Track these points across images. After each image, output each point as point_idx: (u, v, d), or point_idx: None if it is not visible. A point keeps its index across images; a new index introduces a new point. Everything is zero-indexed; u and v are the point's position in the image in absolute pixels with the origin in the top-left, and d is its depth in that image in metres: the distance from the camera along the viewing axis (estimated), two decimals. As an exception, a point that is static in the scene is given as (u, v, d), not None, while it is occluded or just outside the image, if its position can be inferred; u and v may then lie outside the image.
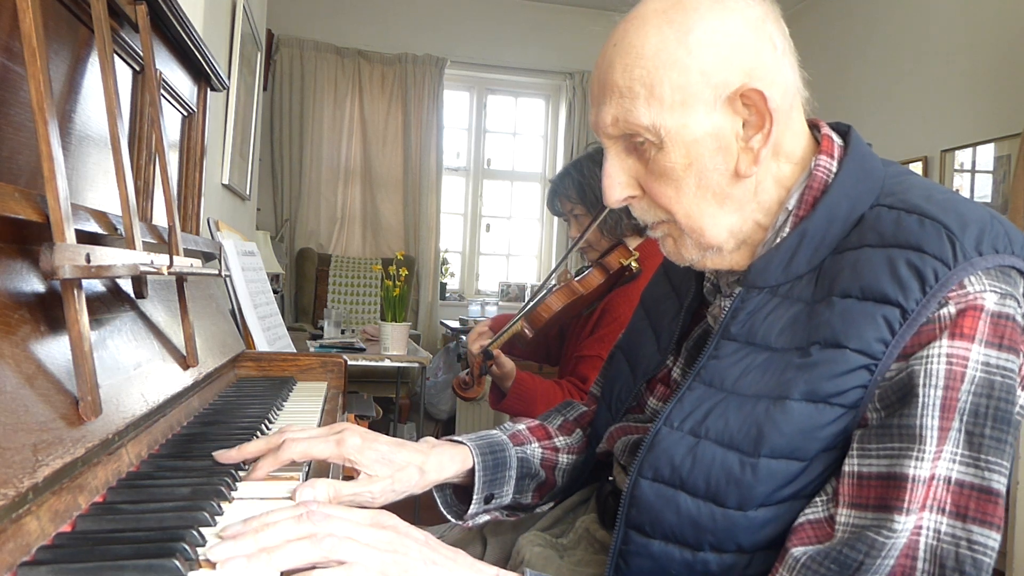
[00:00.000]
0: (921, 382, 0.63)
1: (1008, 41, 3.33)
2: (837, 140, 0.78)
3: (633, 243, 1.83)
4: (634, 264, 1.82)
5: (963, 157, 3.62)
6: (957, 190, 3.69)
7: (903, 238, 0.68)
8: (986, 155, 3.48)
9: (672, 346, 0.89)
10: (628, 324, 1.01)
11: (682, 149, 0.72)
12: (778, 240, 0.75)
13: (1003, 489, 0.63)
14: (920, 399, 0.62)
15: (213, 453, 0.75)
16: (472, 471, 0.89)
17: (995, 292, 0.64)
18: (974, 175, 3.59)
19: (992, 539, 0.62)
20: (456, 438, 0.91)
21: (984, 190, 3.51)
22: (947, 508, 0.62)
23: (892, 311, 0.65)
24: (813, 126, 0.81)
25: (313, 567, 0.54)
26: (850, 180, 0.74)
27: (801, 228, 0.73)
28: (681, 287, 0.91)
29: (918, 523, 0.62)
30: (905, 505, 0.62)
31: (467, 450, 0.89)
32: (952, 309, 0.63)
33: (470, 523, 0.91)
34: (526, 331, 1.86)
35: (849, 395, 0.66)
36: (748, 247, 0.78)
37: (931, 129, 3.78)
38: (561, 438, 1.01)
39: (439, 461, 0.86)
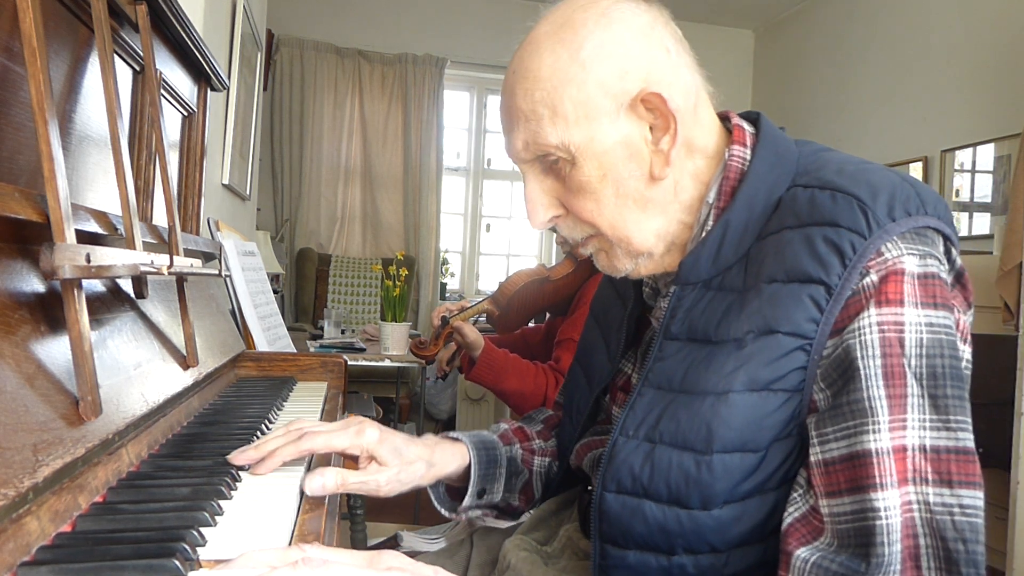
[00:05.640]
0: (859, 355, 0.63)
1: (1008, 41, 3.33)
2: (748, 128, 0.79)
3: None
4: None
5: (963, 157, 3.62)
6: (957, 190, 3.69)
7: (818, 215, 0.69)
8: (986, 155, 3.48)
9: (622, 353, 0.89)
10: (581, 335, 1.02)
11: (594, 161, 0.73)
12: (703, 234, 0.76)
13: (974, 446, 0.62)
14: (861, 371, 0.63)
15: (228, 457, 0.75)
16: (469, 467, 0.92)
17: (913, 255, 0.64)
18: (974, 175, 3.59)
19: (979, 499, 0.61)
20: (453, 435, 0.95)
21: (984, 190, 3.51)
22: (930, 478, 0.61)
23: (817, 289, 0.66)
24: (724, 118, 0.81)
25: None
26: (764, 166, 0.75)
27: (724, 219, 0.74)
28: (625, 294, 0.92)
29: (905, 499, 0.61)
30: (876, 480, 0.61)
31: (465, 447, 0.93)
32: (874, 277, 0.64)
33: (463, 516, 0.95)
34: (492, 308, 1.90)
35: (789, 379, 0.67)
36: (678, 248, 0.79)
37: (931, 129, 3.78)
38: (538, 441, 1.04)
39: (443, 457, 0.90)
